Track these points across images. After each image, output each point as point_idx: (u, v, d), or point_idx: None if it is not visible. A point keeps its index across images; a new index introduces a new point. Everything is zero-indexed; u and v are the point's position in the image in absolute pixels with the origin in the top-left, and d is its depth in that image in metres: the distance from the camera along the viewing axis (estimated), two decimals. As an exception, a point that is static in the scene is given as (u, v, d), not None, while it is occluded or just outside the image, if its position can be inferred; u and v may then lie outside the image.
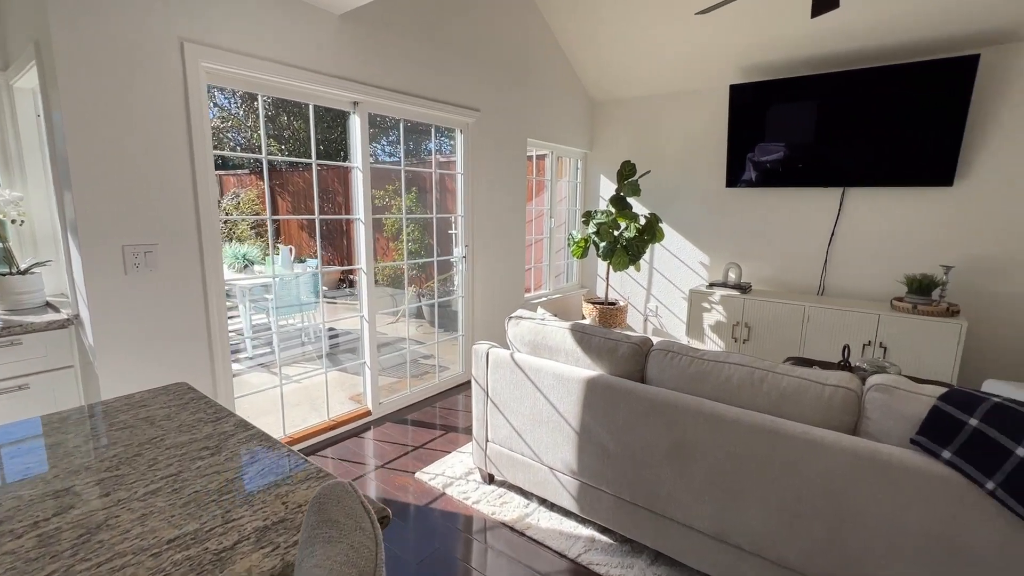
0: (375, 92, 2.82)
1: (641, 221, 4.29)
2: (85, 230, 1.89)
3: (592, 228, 4.35)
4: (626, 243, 4.23)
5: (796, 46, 3.58)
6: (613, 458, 1.86)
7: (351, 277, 7.86)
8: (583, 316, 4.72)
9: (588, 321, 4.61)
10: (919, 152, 3.33)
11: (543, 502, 2.22)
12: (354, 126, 2.84)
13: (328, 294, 7.32)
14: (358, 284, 3.04)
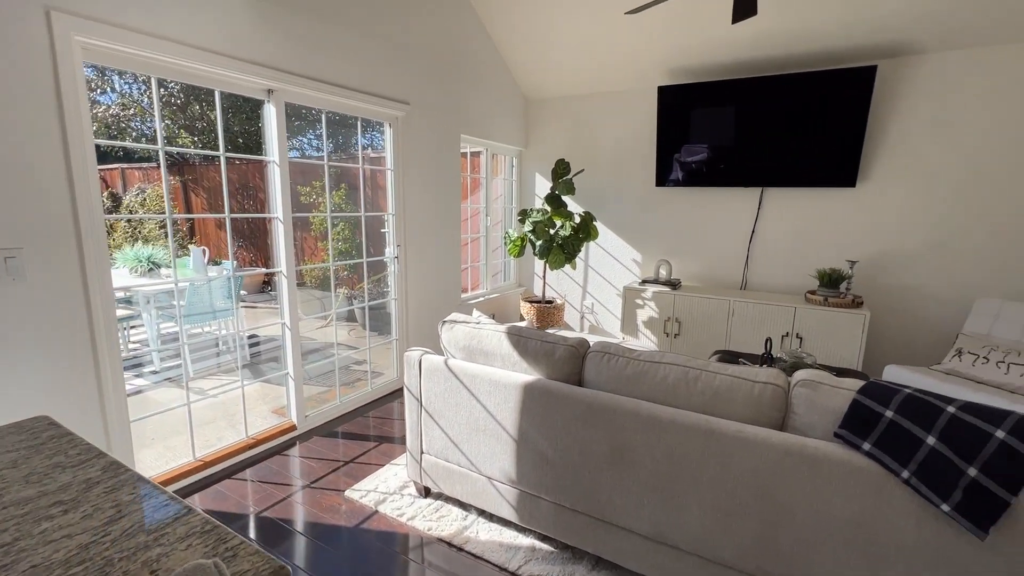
0: (293, 80, 2.59)
1: (576, 219, 4.32)
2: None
3: (528, 226, 4.32)
4: (562, 241, 4.23)
5: (719, 51, 3.72)
6: (552, 464, 1.81)
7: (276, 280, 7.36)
8: (521, 315, 4.69)
9: (527, 320, 4.58)
10: (827, 155, 3.58)
11: (482, 513, 2.13)
12: (269, 116, 2.60)
13: (249, 298, 6.81)
14: (278, 288, 2.80)
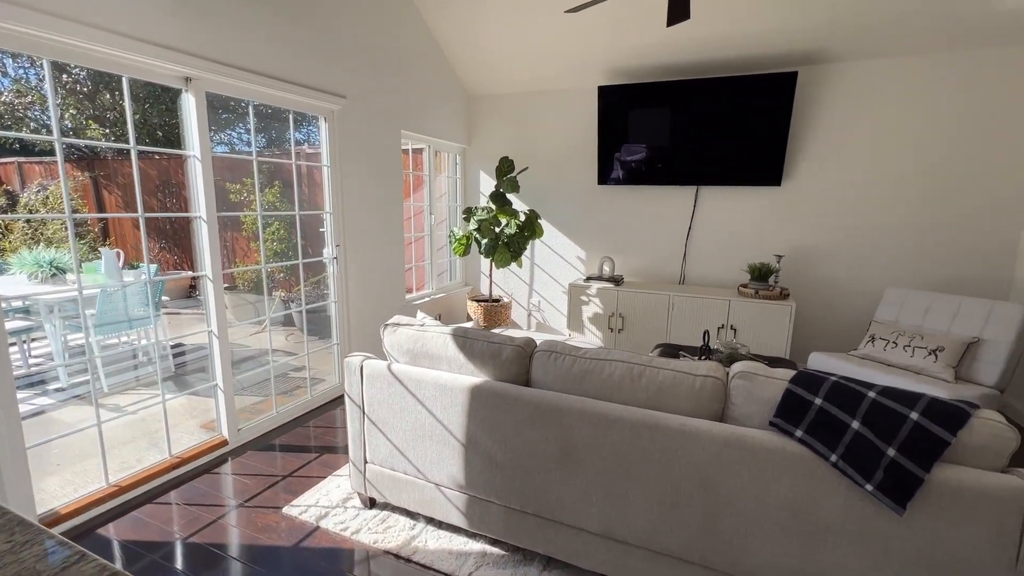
0: (214, 68, 2.40)
1: (521, 217, 4.31)
2: None
3: (473, 225, 4.27)
4: (508, 240, 4.22)
5: (656, 53, 3.83)
6: (501, 467, 1.78)
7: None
8: (468, 315, 4.63)
9: (474, 320, 4.54)
10: (755, 155, 3.78)
11: (431, 521, 2.07)
12: (188, 106, 2.39)
13: (173, 305, 6.31)
14: (204, 293, 2.59)
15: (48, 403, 3.33)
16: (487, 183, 4.92)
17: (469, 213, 4.35)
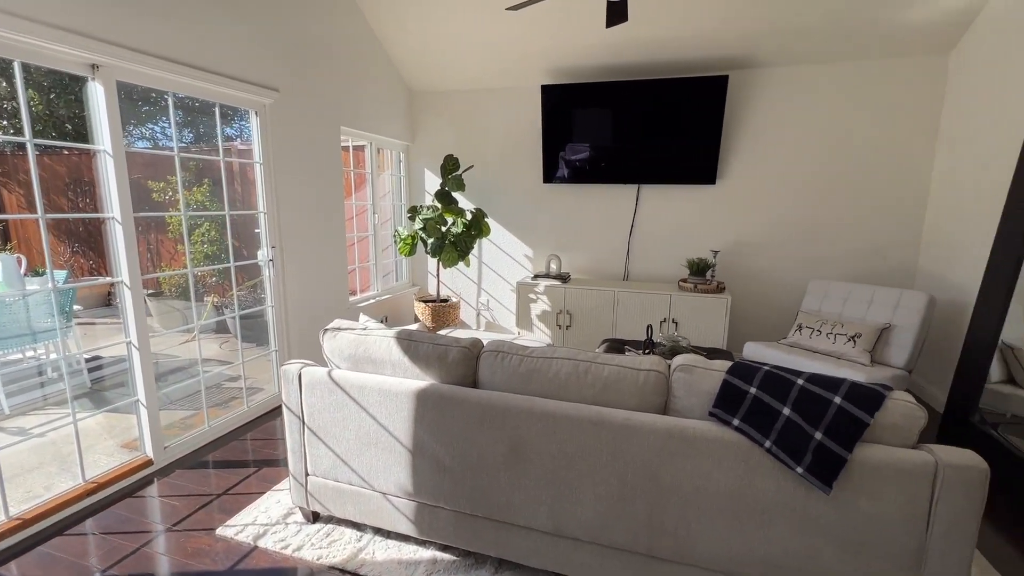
0: (126, 55, 2.20)
1: (468, 216, 4.27)
2: None
3: (419, 224, 4.19)
4: (454, 239, 4.16)
5: (598, 54, 3.90)
6: (450, 471, 1.74)
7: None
8: (416, 316, 4.54)
9: (421, 320, 4.45)
10: (692, 154, 3.93)
11: (378, 531, 2.00)
12: (95, 96, 2.18)
13: (87, 314, 5.78)
14: (121, 300, 2.37)
15: (-65, 429, 2.96)
16: (432, 181, 4.84)
17: (414, 212, 4.26)
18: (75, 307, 4.61)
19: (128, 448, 2.69)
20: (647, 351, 2.85)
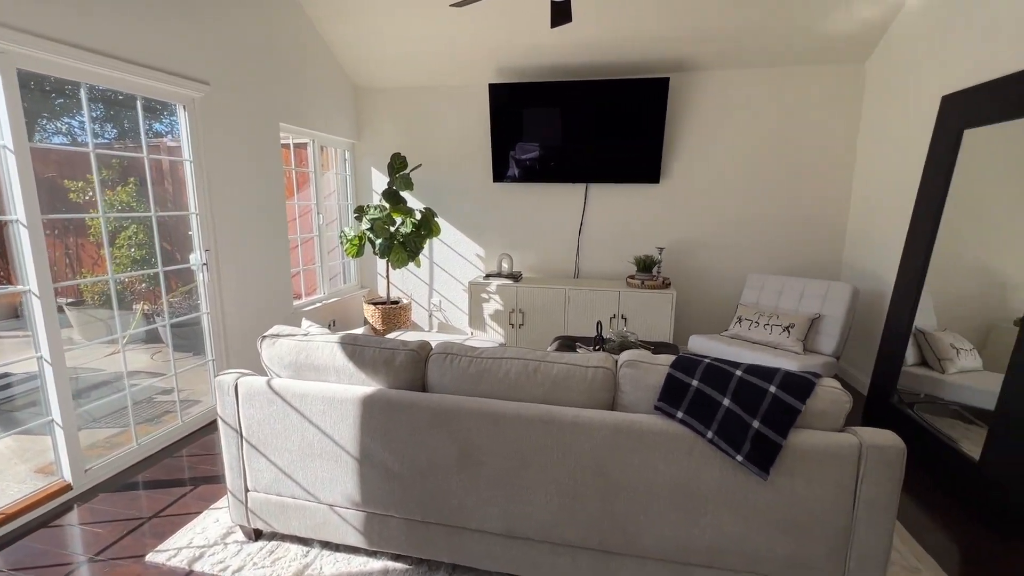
0: (28, 40, 2.00)
1: (417, 216, 4.20)
2: None
3: (366, 224, 4.07)
4: (403, 239, 4.08)
5: (544, 54, 3.92)
6: (400, 478, 1.70)
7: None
8: (365, 319, 4.42)
9: (371, 323, 4.33)
10: (637, 154, 4.03)
11: (326, 545, 1.92)
12: (-8, 88, 1.97)
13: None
14: (29, 311, 2.15)
15: None
16: (380, 180, 4.72)
17: (361, 212, 4.13)
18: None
19: (43, 473, 2.45)
20: (597, 347, 2.90)
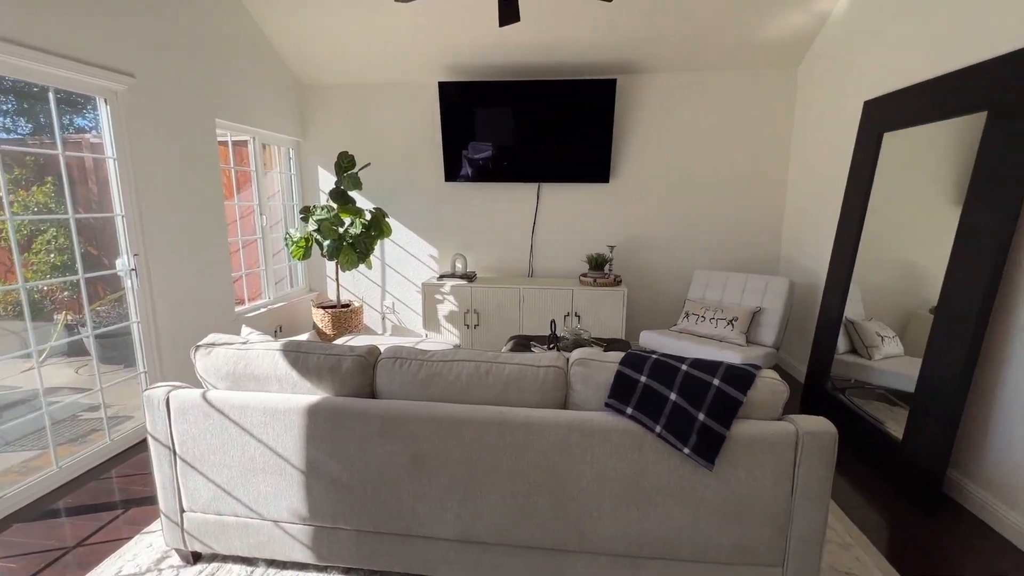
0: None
1: (367, 216, 4.08)
2: None
3: (313, 225, 3.92)
4: (352, 240, 3.96)
5: (494, 53, 3.90)
6: (349, 489, 1.64)
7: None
8: (314, 324, 4.26)
9: (319, 328, 4.18)
10: (587, 154, 4.09)
11: (272, 564, 1.83)
12: None
13: None
14: (-77, 328, 1.93)
15: None
16: (327, 180, 4.56)
17: (307, 213, 3.98)
18: None
19: (-55, 505, 2.21)
20: (551, 346, 2.92)
